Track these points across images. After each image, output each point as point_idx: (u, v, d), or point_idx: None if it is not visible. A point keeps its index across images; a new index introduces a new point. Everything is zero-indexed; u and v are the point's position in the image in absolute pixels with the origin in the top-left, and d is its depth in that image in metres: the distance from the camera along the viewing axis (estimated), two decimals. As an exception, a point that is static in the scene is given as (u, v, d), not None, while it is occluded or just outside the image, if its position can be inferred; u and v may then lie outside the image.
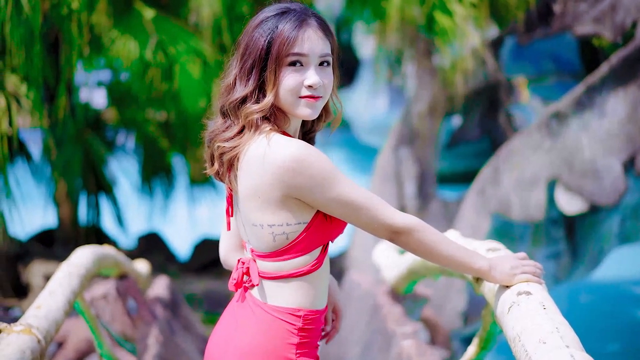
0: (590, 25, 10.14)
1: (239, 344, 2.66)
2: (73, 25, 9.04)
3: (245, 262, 2.73)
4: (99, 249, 4.98)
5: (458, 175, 13.93)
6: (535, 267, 2.68)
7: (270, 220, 2.61)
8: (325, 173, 2.55)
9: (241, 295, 2.74)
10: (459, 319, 9.66)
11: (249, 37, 2.70)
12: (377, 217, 2.58)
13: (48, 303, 3.74)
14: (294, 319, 2.67)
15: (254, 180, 2.59)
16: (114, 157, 12.88)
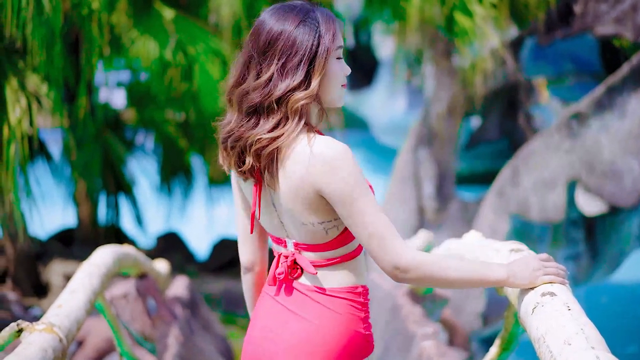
0: (611, 26, 10.09)
1: (304, 331, 2.73)
2: (93, 25, 9.06)
3: (288, 255, 2.77)
4: (119, 249, 4.99)
5: (477, 175, 13.89)
6: (558, 268, 2.67)
7: (320, 218, 2.68)
8: (358, 184, 2.60)
9: (285, 287, 2.80)
10: (478, 320, 9.62)
11: (291, 35, 2.67)
12: (387, 249, 2.60)
13: (69, 302, 3.75)
14: (356, 296, 2.77)
15: (298, 179, 2.62)
16: (133, 157, 12.89)
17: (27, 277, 10.42)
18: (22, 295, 10.28)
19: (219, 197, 13.46)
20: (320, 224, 2.69)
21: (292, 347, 2.74)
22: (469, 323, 9.54)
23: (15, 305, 9.75)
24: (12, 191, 7.91)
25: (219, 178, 13.21)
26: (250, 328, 2.90)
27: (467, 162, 13.64)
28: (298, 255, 2.76)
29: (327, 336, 2.72)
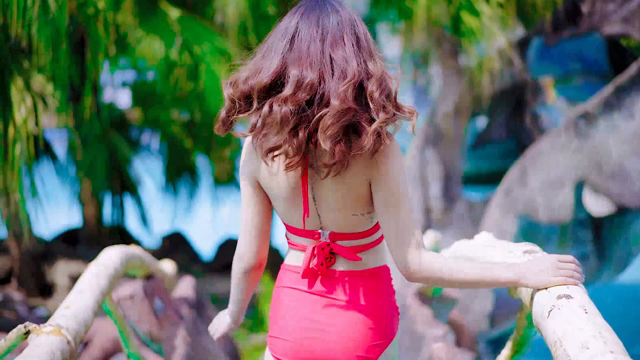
0: (618, 26, 10.03)
1: (355, 314, 2.82)
2: (99, 24, 9.03)
3: (323, 247, 2.82)
4: (126, 249, 4.95)
5: (483, 176, 13.84)
6: (573, 270, 2.65)
7: (369, 208, 2.78)
8: (404, 177, 2.72)
9: (322, 278, 2.86)
10: (485, 320, 9.58)
11: (362, 25, 2.74)
12: (410, 244, 2.69)
13: (77, 303, 3.71)
14: (387, 274, 2.91)
15: (357, 170, 2.69)
16: (138, 157, 12.88)
17: (32, 277, 10.41)
18: (27, 296, 10.27)
19: (224, 197, 13.46)
20: (369, 213, 2.79)
21: (349, 332, 2.82)
22: (476, 324, 9.49)
23: (20, 306, 9.73)
24: (18, 191, 7.88)
25: (224, 178, 13.19)
26: (284, 325, 2.92)
27: (473, 162, 13.59)
28: (334, 244, 2.82)
29: (378, 315, 2.83)
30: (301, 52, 2.66)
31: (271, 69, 2.66)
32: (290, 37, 2.70)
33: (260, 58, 2.73)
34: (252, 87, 2.68)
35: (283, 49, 2.69)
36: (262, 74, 2.67)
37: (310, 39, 2.68)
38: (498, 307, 9.62)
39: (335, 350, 2.84)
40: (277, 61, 2.67)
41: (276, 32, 2.76)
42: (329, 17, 2.71)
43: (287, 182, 2.77)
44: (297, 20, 2.73)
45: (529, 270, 2.66)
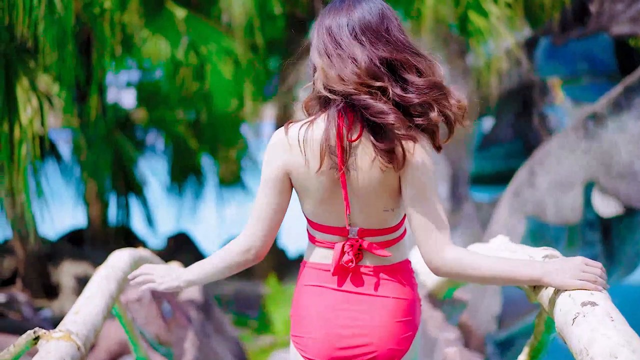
0: (627, 25, 9.98)
1: (389, 308, 2.87)
2: (105, 24, 8.99)
3: (352, 243, 2.85)
4: (135, 252, 4.89)
5: (490, 176, 13.77)
6: (596, 275, 2.60)
7: (398, 204, 2.84)
8: (434, 171, 2.77)
9: (352, 275, 2.88)
10: (493, 322, 9.52)
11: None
12: (438, 239, 2.73)
13: (86, 308, 3.66)
14: (410, 267, 2.98)
15: (390, 169, 2.73)
16: (143, 157, 12.84)
17: (37, 278, 10.39)
18: (32, 297, 10.23)
19: (229, 198, 13.42)
20: (398, 208, 2.84)
21: (381, 327, 2.86)
22: (484, 326, 9.43)
23: (25, 307, 9.70)
24: (24, 192, 7.84)
25: (229, 178, 13.16)
26: (313, 324, 2.91)
27: (479, 163, 13.52)
28: (363, 241, 2.85)
29: (406, 307, 2.89)
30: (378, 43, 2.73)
31: (361, 59, 2.70)
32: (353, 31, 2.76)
33: (336, 57, 2.75)
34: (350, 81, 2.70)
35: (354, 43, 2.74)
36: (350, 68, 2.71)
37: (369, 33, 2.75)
38: (506, 308, 9.56)
39: (369, 345, 2.86)
40: (359, 54, 2.71)
41: (333, 29, 2.79)
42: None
43: (326, 178, 2.79)
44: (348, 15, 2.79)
45: (553, 269, 2.66)
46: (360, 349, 2.86)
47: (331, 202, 2.83)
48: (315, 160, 2.76)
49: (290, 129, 2.80)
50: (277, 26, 11.48)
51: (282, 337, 10.08)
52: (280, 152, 2.83)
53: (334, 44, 2.76)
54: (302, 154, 2.76)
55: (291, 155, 2.80)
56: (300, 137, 2.76)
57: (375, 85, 2.67)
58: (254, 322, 10.90)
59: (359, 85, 2.67)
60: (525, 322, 9.85)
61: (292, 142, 2.78)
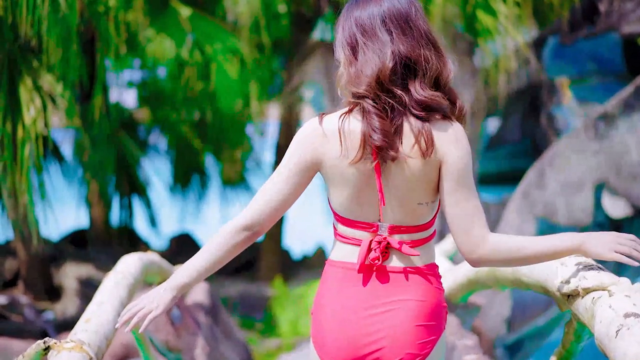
0: (637, 25, 9.87)
1: (413, 309, 2.79)
2: (110, 23, 8.89)
3: (380, 241, 2.79)
4: (144, 256, 4.78)
5: (497, 176, 13.67)
6: (632, 248, 2.65)
7: (433, 197, 2.80)
8: (471, 160, 2.77)
9: (378, 273, 2.82)
10: (503, 325, 9.41)
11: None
12: (476, 226, 2.73)
13: (97, 316, 3.54)
14: (437, 271, 2.90)
15: (431, 154, 2.71)
16: (147, 157, 12.76)
17: (39, 280, 10.30)
18: (34, 299, 10.15)
19: (233, 198, 13.36)
20: (433, 202, 2.80)
21: (401, 330, 2.79)
22: (494, 328, 9.33)
23: (28, 309, 9.63)
24: (27, 192, 7.74)
25: (233, 179, 13.08)
26: (334, 324, 2.86)
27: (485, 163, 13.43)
28: (390, 238, 2.80)
29: (429, 312, 2.81)
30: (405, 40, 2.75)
31: (386, 54, 2.72)
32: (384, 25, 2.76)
33: (362, 54, 2.76)
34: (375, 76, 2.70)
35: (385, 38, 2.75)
36: (379, 62, 2.71)
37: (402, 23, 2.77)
38: (515, 311, 9.45)
39: (387, 348, 2.79)
40: (387, 47, 2.73)
41: (364, 23, 2.78)
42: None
43: (362, 169, 2.75)
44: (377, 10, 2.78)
45: (589, 239, 2.67)
46: (380, 352, 2.80)
47: (364, 194, 2.79)
48: (353, 151, 2.72)
49: (325, 119, 2.79)
50: (281, 25, 11.38)
51: (288, 340, 9.97)
52: (314, 142, 2.80)
53: (363, 35, 2.75)
54: (340, 144, 2.73)
55: (326, 146, 2.77)
56: (339, 127, 2.73)
57: (385, 91, 2.70)
58: (260, 325, 10.81)
59: (370, 88, 2.69)
60: (535, 324, 9.75)
61: (327, 133, 2.76)
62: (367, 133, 2.69)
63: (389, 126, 2.68)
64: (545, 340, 10.26)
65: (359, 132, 2.72)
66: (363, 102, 2.71)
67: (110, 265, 10.32)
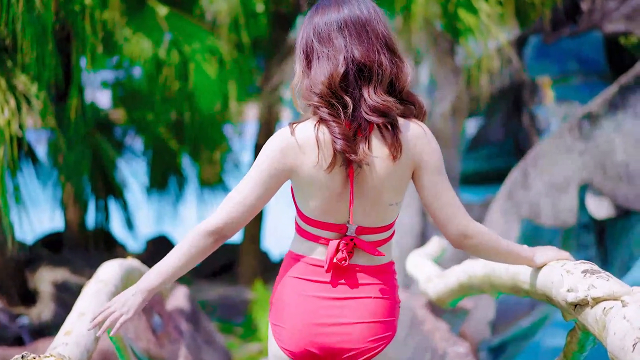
0: (621, 23, 9.80)
1: (374, 307, 2.90)
2: (86, 22, 8.72)
3: (347, 241, 2.86)
4: (124, 263, 4.61)
5: (480, 176, 13.61)
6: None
7: (402, 197, 2.90)
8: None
9: (343, 272, 2.89)
10: (487, 328, 9.31)
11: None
12: (459, 213, 2.87)
13: (78, 328, 3.37)
14: (394, 268, 3.03)
15: (405, 154, 2.80)
16: (123, 158, 12.58)
17: (14, 284, 10.07)
18: (8, 304, 9.95)
19: (211, 199, 13.22)
20: (401, 202, 2.91)
21: (363, 325, 2.88)
22: (478, 332, 9.22)
23: (2, 314, 9.45)
24: (0, 196, 7.56)
25: (211, 179, 12.94)
26: (295, 316, 2.91)
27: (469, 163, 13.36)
28: (357, 239, 2.88)
29: (389, 308, 2.93)
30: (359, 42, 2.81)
31: (339, 61, 2.78)
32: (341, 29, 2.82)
33: (316, 60, 2.83)
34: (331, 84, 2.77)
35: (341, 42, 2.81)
36: (332, 68, 2.78)
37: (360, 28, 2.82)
38: (500, 314, 9.36)
39: (348, 342, 2.88)
40: (340, 53, 2.79)
41: (319, 29, 2.85)
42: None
43: (337, 175, 2.81)
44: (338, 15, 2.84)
45: (538, 252, 3.04)
46: (336, 343, 2.88)
47: (337, 199, 2.85)
48: (328, 159, 2.77)
49: (298, 129, 2.82)
50: (260, 24, 11.25)
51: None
52: (287, 153, 2.82)
53: (319, 42, 2.81)
54: (317, 153, 2.78)
55: (301, 156, 2.81)
56: (316, 137, 2.78)
57: (337, 99, 2.75)
58: (240, 329, 10.67)
59: (323, 95, 2.76)
60: (518, 327, 9.68)
61: (301, 143, 2.80)
62: (338, 141, 2.74)
63: (347, 131, 2.74)
64: (529, 343, 10.19)
65: (331, 140, 2.77)
66: (319, 112, 2.77)
67: (87, 269, 10.17)
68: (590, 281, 2.69)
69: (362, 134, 2.76)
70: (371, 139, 2.77)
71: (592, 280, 2.69)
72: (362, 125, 2.76)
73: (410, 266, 6.67)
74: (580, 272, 2.79)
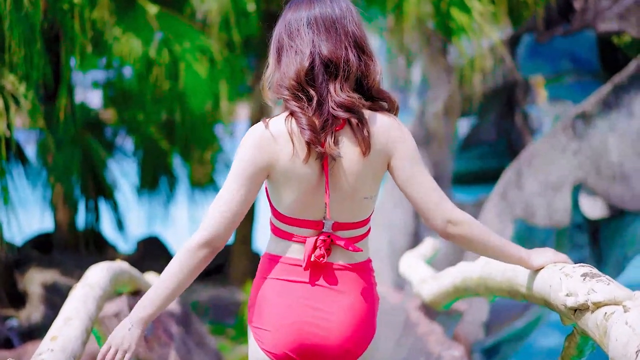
0: (614, 22, 9.75)
1: (353, 304, 2.91)
2: (75, 21, 8.64)
3: (324, 238, 2.87)
4: (113, 265, 4.53)
5: (473, 176, 13.57)
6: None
7: (376, 190, 2.92)
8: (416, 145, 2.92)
9: (322, 269, 2.90)
10: (480, 329, 9.25)
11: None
12: (443, 202, 2.84)
13: (64, 333, 3.29)
14: (371, 265, 3.04)
15: (379, 146, 2.84)
16: (113, 159, 12.50)
17: (3, 286, 10.01)
18: (-2, 307, 9.87)
19: (202, 200, 13.14)
20: (376, 195, 2.92)
21: (345, 324, 2.89)
22: (472, 333, 9.16)
23: (-10, 317, 9.37)
24: (-11, 197, 7.49)
25: (202, 180, 12.86)
26: (275, 317, 2.91)
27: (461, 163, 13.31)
28: (334, 235, 2.89)
29: (369, 306, 2.95)
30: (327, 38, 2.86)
31: (305, 55, 2.82)
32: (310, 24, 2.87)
33: (285, 55, 2.87)
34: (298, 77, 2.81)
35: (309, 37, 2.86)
36: (299, 63, 2.82)
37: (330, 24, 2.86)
38: (493, 315, 9.30)
39: (330, 341, 2.89)
40: (307, 48, 2.83)
41: (291, 25, 2.90)
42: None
43: (311, 169, 2.83)
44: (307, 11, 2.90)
45: (535, 253, 2.99)
46: (321, 345, 2.89)
47: (313, 194, 2.87)
48: (303, 150, 2.80)
49: (271, 123, 2.84)
50: (251, 23, 11.16)
51: (260, 346, 9.75)
52: (263, 146, 2.84)
53: (289, 37, 2.87)
54: (291, 145, 2.80)
55: (276, 148, 2.83)
56: (288, 129, 2.81)
57: (304, 93, 2.80)
58: (232, 331, 10.60)
59: (291, 88, 2.80)
60: (512, 328, 9.63)
61: (276, 136, 2.82)
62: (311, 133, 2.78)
63: (314, 122, 2.77)
64: (522, 343, 10.14)
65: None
66: (288, 105, 2.81)
67: (77, 271, 10.07)
68: (590, 285, 2.62)
69: (329, 128, 2.78)
70: (341, 133, 2.81)
71: (592, 284, 2.62)
72: (330, 119, 2.79)
73: (403, 267, 6.61)
74: (579, 276, 2.72)
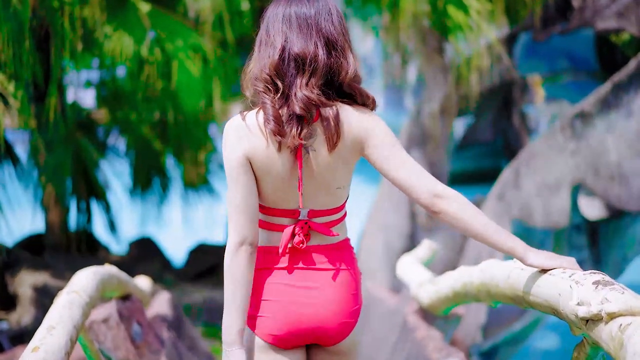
0: (613, 20, 9.63)
1: (341, 278, 3.04)
2: (65, 19, 8.50)
3: (302, 225, 2.98)
4: (100, 270, 4.37)
5: (469, 175, 13.45)
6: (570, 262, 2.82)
7: (349, 179, 3.03)
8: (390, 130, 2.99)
9: (301, 254, 3.01)
10: (478, 333, 9.14)
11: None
12: (426, 176, 2.88)
13: (47, 343, 3.12)
14: (350, 244, 3.17)
15: (351, 136, 2.92)
16: (105, 159, 12.36)
17: (-7, 289, 9.89)
18: (-13, 309, 9.76)
19: (195, 200, 13.02)
20: (349, 184, 3.04)
21: (334, 301, 3.02)
22: (469, 336, 9.06)
23: (-20, 320, 9.27)
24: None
25: (195, 180, 12.74)
26: (270, 303, 2.99)
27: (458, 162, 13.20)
28: (311, 222, 3.00)
29: (353, 282, 3.07)
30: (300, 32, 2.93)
31: (277, 50, 2.90)
32: (287, 20, 2.95)
33: (262, 49, 2.96)
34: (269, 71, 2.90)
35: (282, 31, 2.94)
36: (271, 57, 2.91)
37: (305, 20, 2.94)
38: (491, 317, 9.19)
39: (322, 319, 3.00)
40: (279, 43, 2.91)
41: (270, 21, 2.98)
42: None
43: (285, 160, 2.91)
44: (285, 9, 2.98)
45: (533, 250, 2.86)
46: (314, 324, 3.00)
47: (289, 183, 2.95)
48: (275, 143, 2.89)
49: (247, 115, 2.92)
50: (245, 21, 11.03)
51: (254, 349, 9.61)
52: (241, 137, 2.91)
53: (266, 32, 2.95)
54: (263, 135, 2.88)
55: (253, 139, 2.90)
56: (260, 121, 2.89)
57: (274, 85, 2.88)
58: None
59: (261, 83, 2.89)
60: (510, 331, 9.51)
61: (251, 127, 2.90)
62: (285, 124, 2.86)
63: (278, 114, 2.84)
64: (520, 346, 10.03)
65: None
66: (260, 96, 2.89)
67: (68, 272, 9.93)
68: (603, 294, 2.46)
69: (295, 120, 2.85)
70: (315, 126, 2.89)
71: (605, 292, 2.46)
72: (296, 112, 2.85)
73: (400, 270, 6.46)
74: (591, 284, 2.56)
